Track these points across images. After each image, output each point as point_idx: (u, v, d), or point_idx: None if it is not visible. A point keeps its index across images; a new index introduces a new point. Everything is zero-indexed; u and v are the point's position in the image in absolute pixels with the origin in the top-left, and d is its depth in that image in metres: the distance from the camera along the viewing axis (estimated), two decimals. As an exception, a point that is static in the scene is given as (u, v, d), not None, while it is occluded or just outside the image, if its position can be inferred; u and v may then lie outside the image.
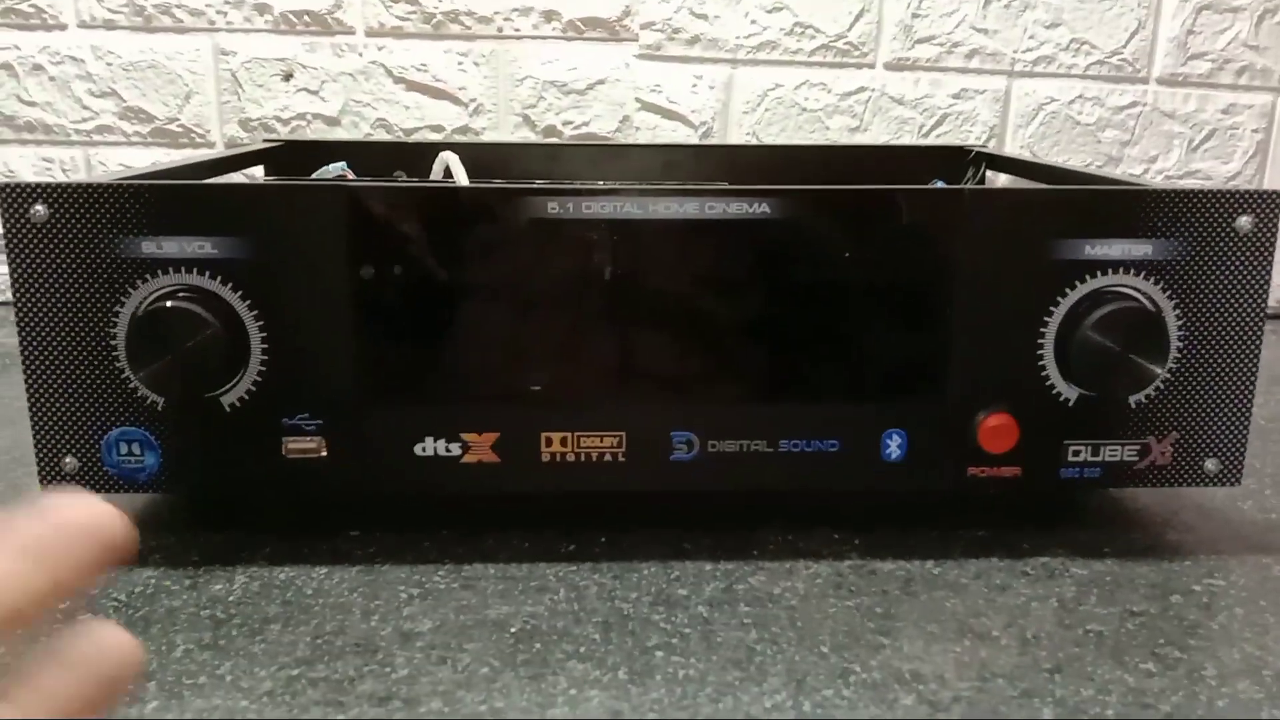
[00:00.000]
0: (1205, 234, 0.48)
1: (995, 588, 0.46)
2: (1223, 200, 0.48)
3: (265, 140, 0.81)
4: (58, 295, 0.46)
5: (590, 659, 0.40)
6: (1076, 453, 0.50)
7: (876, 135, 0.96)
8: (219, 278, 0.46)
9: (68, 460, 0.47)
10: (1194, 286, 0.48)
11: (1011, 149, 0.97)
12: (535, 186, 0.47)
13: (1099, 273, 0.48)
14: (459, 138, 0.93)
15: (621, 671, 0.39)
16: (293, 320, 0.47)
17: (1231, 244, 0.48)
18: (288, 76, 0.93)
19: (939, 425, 0.49)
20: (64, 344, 0.46)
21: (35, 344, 0.46)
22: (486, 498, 0.50)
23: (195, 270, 0.46)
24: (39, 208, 0.45)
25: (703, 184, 0.50)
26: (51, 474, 0.47)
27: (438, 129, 0.94)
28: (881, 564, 0.48)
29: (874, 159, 0.80)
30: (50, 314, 0.46)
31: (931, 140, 0.96)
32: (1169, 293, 0.48)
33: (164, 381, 0.46)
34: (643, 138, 0.94)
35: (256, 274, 0.46)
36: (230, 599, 0.44)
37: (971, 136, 0.97)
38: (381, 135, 0.93)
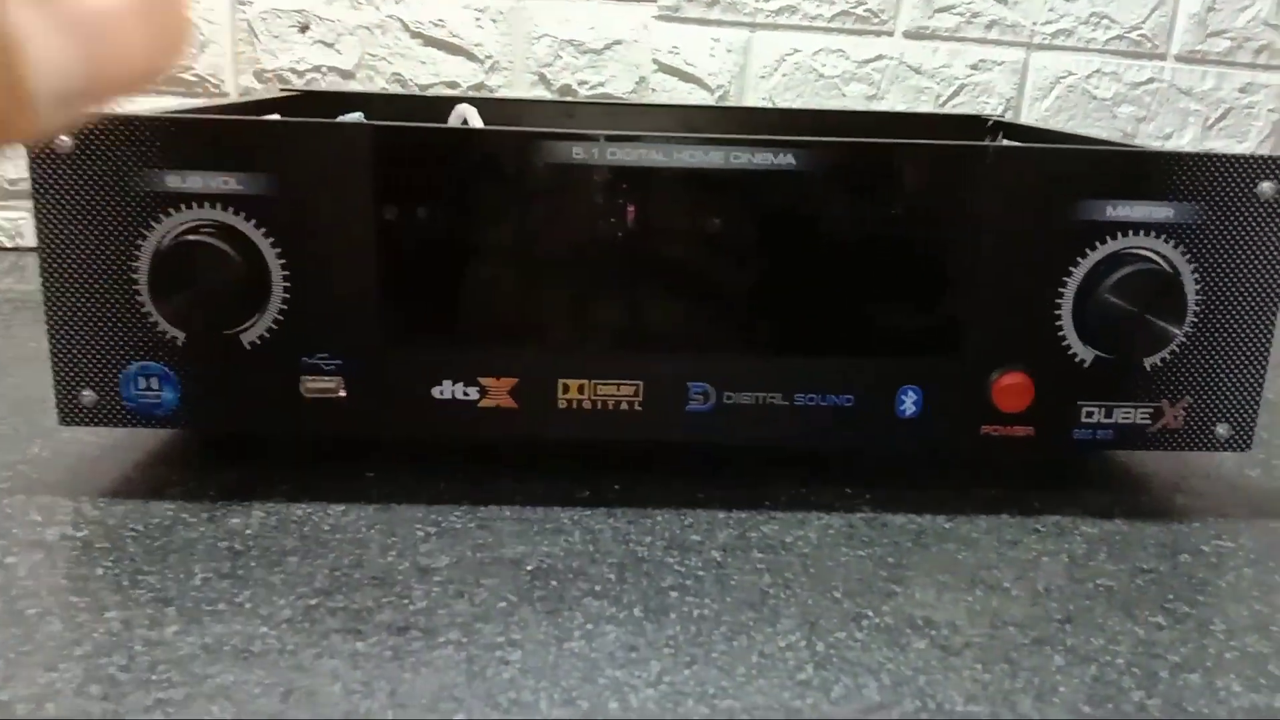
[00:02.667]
0: (1227, 199, 0.48)
1: (1006, 542, 0.46)
2: (1246, 165, 0.48)
3: (282, 90, 0.80)
4: (80, 227, 0.46)
5: (606, 597, 0.40)
6: (1090, 414, 0.50)
7: (893, 104, 0.95)
8: (243, 214, 0.46)
9: (86, 393, 0.48)
10: (1214, 251, 0.48)
11: (1028, 121, 0.97)
12: (561, 131, 0.47)
13: (1120, 234, 0.48)
14: (473, 94, 0.93)
15: (637, 609, 0.40)
16: (315, 259, 0.47)
17: (1253, 209, 0.48)
18: (304, 28, 0.93)
19: (954, 383, 0.49)
20: (86, 276, 0.46)
21: (57, 275, 0.46)
22: (502, 442, 0.50)
23: (219, 206, 0.46)
24: (64, 138, 0.45)
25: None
26: (70, 406, 0.47)
27: (453, 85, 0.94)
28: (893, 517, 0.48)
29: (891, 126, 0.80)
30: (72, 246, 0.46)
31: (948, 110, 0.96)
32: (1188, 256, 0.48)
33: (185, 316, 0.46)
34: (659, 99, 0.94)
35: (280, 211, 0.46)
36: (248, 532, 0.44)
37: (988, 108, 0.96)
38: (396, 89, 0.93)
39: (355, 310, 0.47)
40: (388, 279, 0.47)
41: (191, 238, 0.45)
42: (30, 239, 0.95)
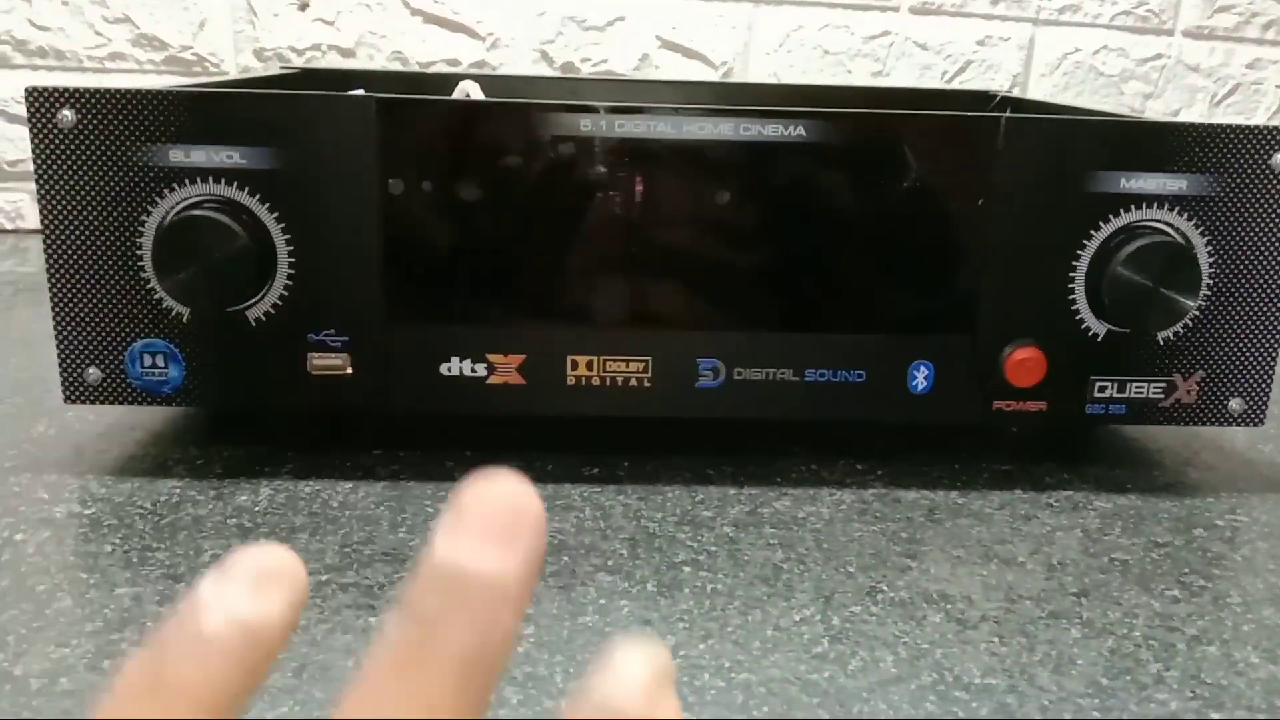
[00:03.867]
0: (1241, 171, 0.47)
1: (1020, 517, 0.46)
2: (1259, 137, 0.47)
3: (282, 68, 0.80)
4: (84, 203, 0.45)
5: (619, 572, 0.40)
6: (1103, 389, 0.50)
7: (899, 80, 0.95)
8: (247, 189, 0.45)
9: (91, 371, 0.47)
10: (1227, 223, 0.48)
11: (1035, 98, 0.96)
12: (568, 104, 0.46)
13: (1133, 207, 0.47)
14: (475, 72, 0.92)
15: (650, 584, 0.39)
16: (320, 234, 0.46)
17: (1266, 182, 0.48)
18: (304, 6, 0.92)
19: (967, 358, 0.49)
20: (89, 253, 0.46)
21: (60, 252, 0.46)
22: (511, 420, 0.50)
23: (223, 181, 0.45)
24: (67, 113, 0.44)
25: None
26: (75, 384, 0.47)
27: (454, 63, 0.93)
28: (905, 493, 0.48)
29: (897, 101, 0.80)
30: (76, 222, 0.45)
31: (955, 86, 0.95)
32: (1202, 229, 0.48)
33: (189, 293, 0.46)
34: (662, 76, 0.93)
35: (285, 186, 0.46)
36: (256, 509, 0.44)
37: (994, 84, 0.96)
38: (397, 67, 0.92)
39: (361, 286, 0.47)
40: (394, 254, 0.47)
41: (196, 213, 0.45)
42: (30, 221, 0.94)
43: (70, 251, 0.46)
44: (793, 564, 0.41)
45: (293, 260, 0.46)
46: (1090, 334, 0.49)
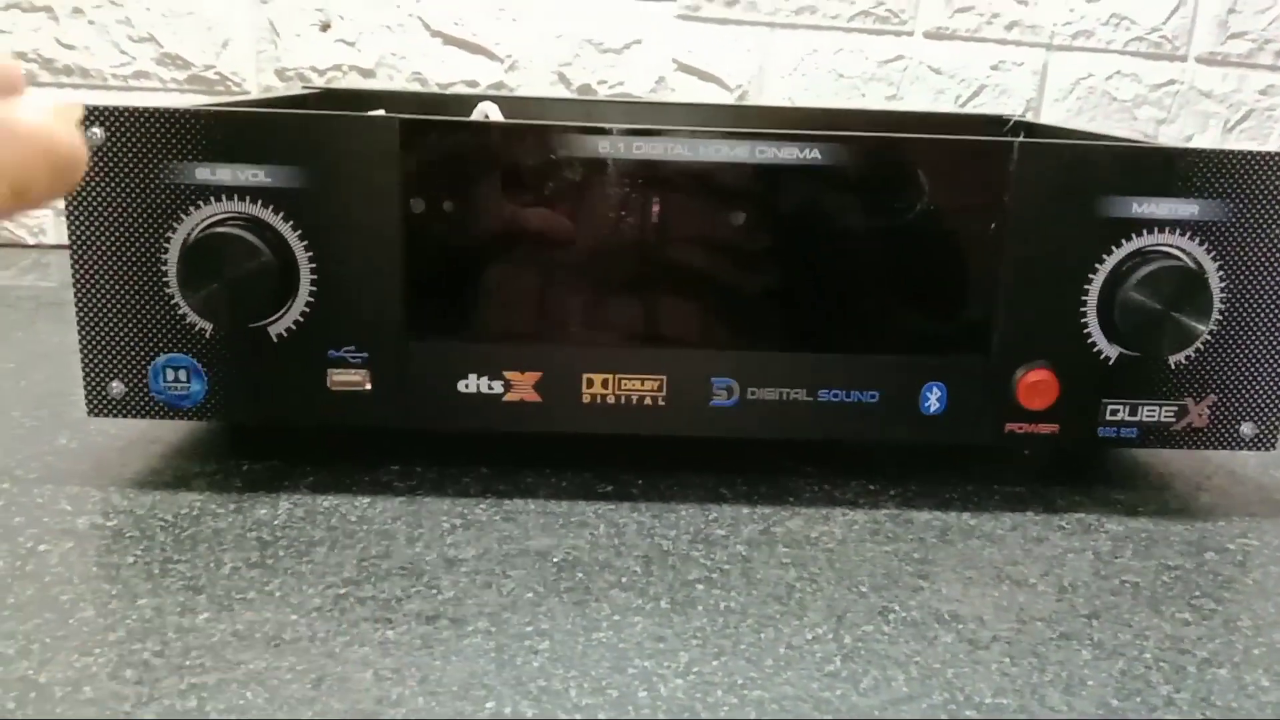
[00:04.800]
0: (1252, 196, 0.48)
1: (1031, 539, 0.46)
2: (1271, 163, 0.48)
3: (303, 88, 0.81)
4: (111, 219, 0.46)
5: (632, 589, 0.40)
6: (1114, 412, 0.50)
7: (913, 104, 0.95)
8: (271, 207, 0.46)
9: (114, 385, 0.48)
10: (1238, 249, 0.48)
11: (1048, 123, 0.97)
12: (587, 125, 0.47)
13: (1145, 231, 0.48)
14: (493, 93, 0.93)
15: (664, 601, 0.40)
16: (342, 252, 0.47)
17: (1278, 207, 0.48)
18: (325, 27, 0.93)
19: (979, 380, 0.49)
20: (115, 268, 0.47)
21: (87, 267, 0.47)
22: (526, 436, 0.51)
23: (248, 198, 0.46)
24: (96, 130, 0.45)
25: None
26: (99, 398, 0.48)
27: (472, 84, 0.94)
28: (918, 514, 0.48)
29: (910, 125, 0.80)
30: (103, 237, 0.46)
31: (968, 110, 0.96)
32: (1213, 254, 0.48)
33: (213, 309, 0.47)
34: (678, 99, 0.94)
35: (308, 204, 0.46)
36: (276, 523, 0.45)
37: (1008, 109, 0.96)
38: (416, 88, 0.94)
39: (381, 303, 0.47)
40: (414, 272, 0.47)
41: (220, 230, 0.45)
42: (52, 237, 0.96)
43: (97, 267, 0.47)
44: (805, 583, 0.42)
45: (315, 278, 0.47)
46: (1102, 357, 0.49)
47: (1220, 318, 0.49)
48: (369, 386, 0.48)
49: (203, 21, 0.92)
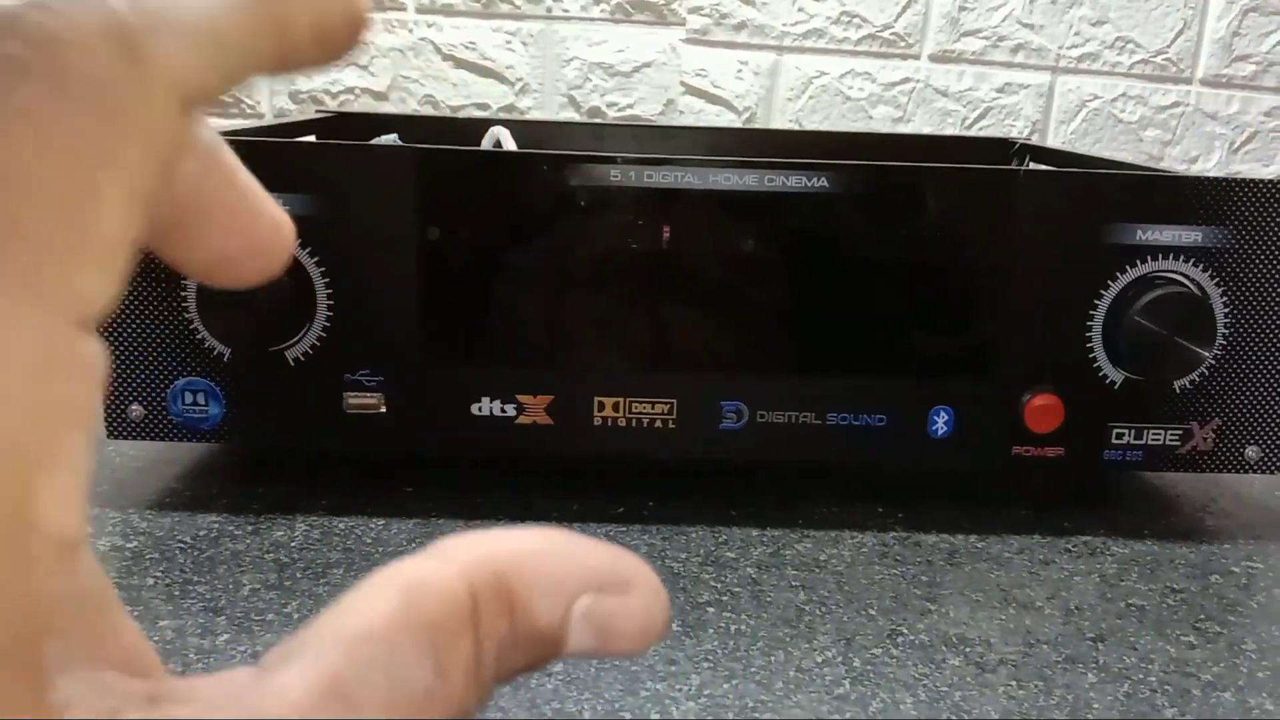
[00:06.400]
0: (1255, 222, 0.49)
1: (1038, 562, 0.47)
2: (1273, 189, 0.48)
3: (317, 111, 0.82)
4: (133, 246, 0.47)
5: (644, 611, 0.41)
6: (1120, 435, 0.50)
7: (919, 126, 0.96)
8: (289, 234, 0.47)
9: (134, 408, 0.49)
10: (1242, 274, 0.49)
11: (1054, 145, 0.97)
12: (598, 155, 0.48)
13: (1149, 258, 0.49)
14: (504, 116, 0.95)
15: (675, 624, 0.40)
16: (358, 278, 0.48)
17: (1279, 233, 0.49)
18: (338, 51, 0.94)
19: (986, 403, 0.50)
20: (136, 294, 0.47)
21: (110, 292, 0.47)
22: (539, 459, 0.51)
23: (267, 226, 0.47)
24: (119, 160, 0.46)
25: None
26: (118, 420, 0.49)
27: (484, 107, 0.95)
28: (925, 536, 0.49)
29: (916, 148, 0.81)
30: (125, 264, 0.47)
31: (974, 133, 0.96)
32: (1217, 280, 0.49)
33: (231, 333, 0.47)
34: (687, 121, 0.95)
35: (326, 231, 0.47)
36: (293, 544, 0.45)
37: (1014, 131, 0.97)
38: (429, 111, 0.95)
39: (396, 328, 0.48)
40: (428, 298, 0.48)
41: (240, 257, 0.46)
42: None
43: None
44: (814, 606, 0.42)
45: (331, 303, 0.48)
46: (1108, 381, 0.50)
47: (1224, 342, 0.49)
48: (384, 409, 0.49)
49: (218, 46, 0.93)
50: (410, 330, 0.48)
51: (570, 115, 0.95)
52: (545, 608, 0.15)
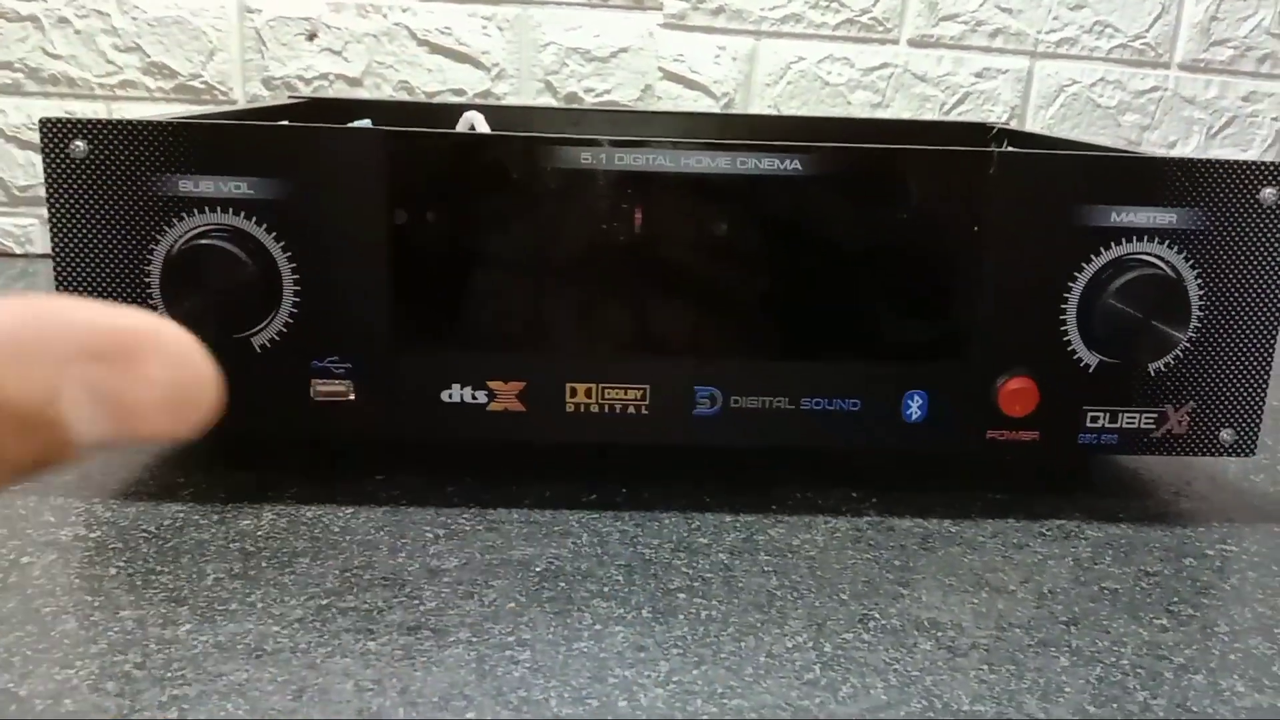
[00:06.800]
0: (1230, 205, 0.48)
1: (1012, 546, 0.47)
2: (1248, 172, 0.48)
3: (290, 97, 0.81)
4: (94, 231, 0.46)
5: (614, 598, 0.41)
6: (1095, 419, 0.50)
7: (898, 111, 0.96)
8: (254, 218, 0.46)
9: (99, 396, 0.48)
10: (1217, 257, 0.49)
11: (1032, 129, 0.97)
12: (570, 137, 0.47)
13: (1124, 240, 0.48)
14: (480, 102, 0.94)
15: (645, 610, 0.40)
16: (325, 263, 0.47)
17: (1255, 216, 0.49)
18: (312, 36, 0.93)
19: (960, 388, 0.50)
20: (99, 280, 0.47)
21: (71, 279, 0.47)
22: (511, 446, 0.51)
23: (231, 210, 0.46)
24: (79, 143, 0.46)
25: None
26: (83, 409, 0.48)
27: (459, 93, 0.94)
28: (899, 521, 0.49)
29: (895, 133, 0.81)
30: (86, 249, 0.46)
31: (953, 118, 0.96)
32: (1191, 262, 0.49)
33: (197, 320, 0.47)
34: (664, 107, 0.95)
35: (291, 216, 0.46)
36: (259, 533, 0.45)
37: (993, 116, 0.97)
38: (404, 97, 0.94)
39: (365, 314, 0.48)
40: (398, 283, 0.47)
41: (203, 242, 0.46)
42: (39, 246, 0.95)
43: (80, 278, 0.47)
44: (786, 591, 0.42)
45: (298, 289, 0.47)
46: (1082, 365, 0.49)
47: (1199, 325, 0.49)
48: (353, 397, 0.48)
49: (190, 31, 0.92)
50: (379, 316, 0.48)
51: (547, 101, 0.94)
52: (17, 380, 0.13)
